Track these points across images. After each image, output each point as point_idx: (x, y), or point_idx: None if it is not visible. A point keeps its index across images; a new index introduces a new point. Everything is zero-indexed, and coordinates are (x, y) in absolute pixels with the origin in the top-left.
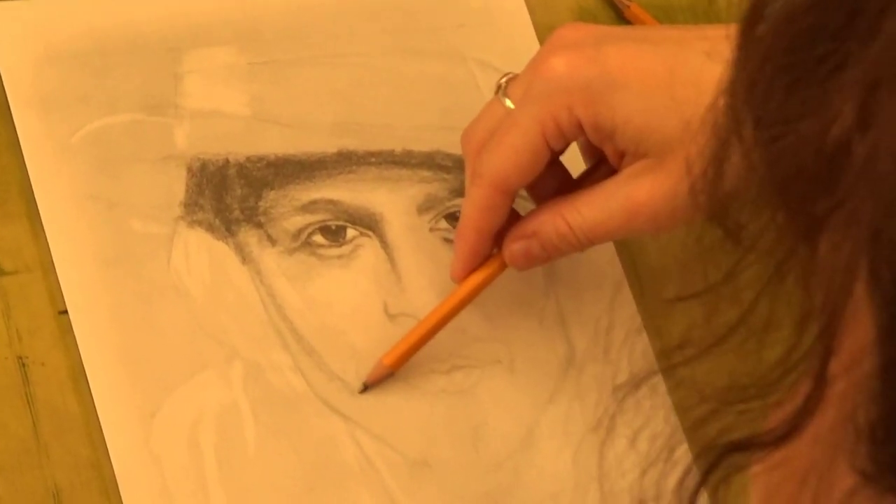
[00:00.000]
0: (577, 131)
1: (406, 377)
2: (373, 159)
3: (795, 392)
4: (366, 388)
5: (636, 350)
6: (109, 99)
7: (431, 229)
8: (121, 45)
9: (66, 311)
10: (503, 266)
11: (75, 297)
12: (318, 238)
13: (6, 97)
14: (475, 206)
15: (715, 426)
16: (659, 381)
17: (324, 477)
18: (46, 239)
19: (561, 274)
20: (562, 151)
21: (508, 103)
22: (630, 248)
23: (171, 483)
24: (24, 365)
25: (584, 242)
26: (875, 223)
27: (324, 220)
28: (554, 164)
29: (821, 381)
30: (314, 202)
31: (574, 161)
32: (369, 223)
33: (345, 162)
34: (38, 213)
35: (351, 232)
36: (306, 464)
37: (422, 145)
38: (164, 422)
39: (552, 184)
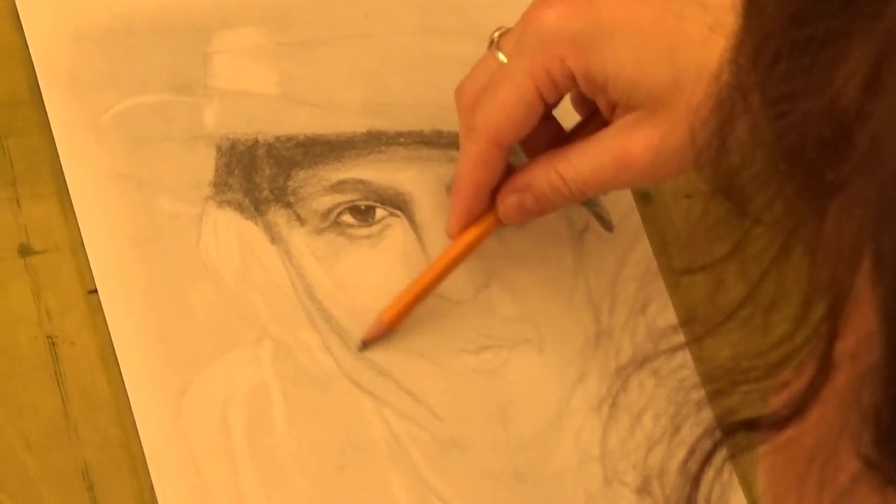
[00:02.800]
0: (570, 82)
1: (435, 357)
2: (402, 139)
3: (801, 373)
4: (364, 345)
5: (659, 327)
6: (139, 79)
7: None
8: (150, 25)
9: (95, 291)
10: (498, 221)
11: (105, 276)
12: (348, 218)
13: (36, 78)
14: (470, 162)
15: (721, 406)
16: (667, 359)
17: (353, 456)
18: (76, 218)
19: (590, 253)
20: (555, 104)
21: (501, 57)
22: (662, 226)
23: (200, 462)
24: (53, 344)
25: (576, 194)
26: (880, 209)
27: (353, 200)
28: (547, 118)
29: (826, 363)
30: (343, 182)
31: (568, 117)
32: (398, 203)
33: (374, 142)
34: (68, 193)
35: (380, 212)
36: (335, 443)
37: (451, 125)
38: (193, 401)
39: (545, 138)
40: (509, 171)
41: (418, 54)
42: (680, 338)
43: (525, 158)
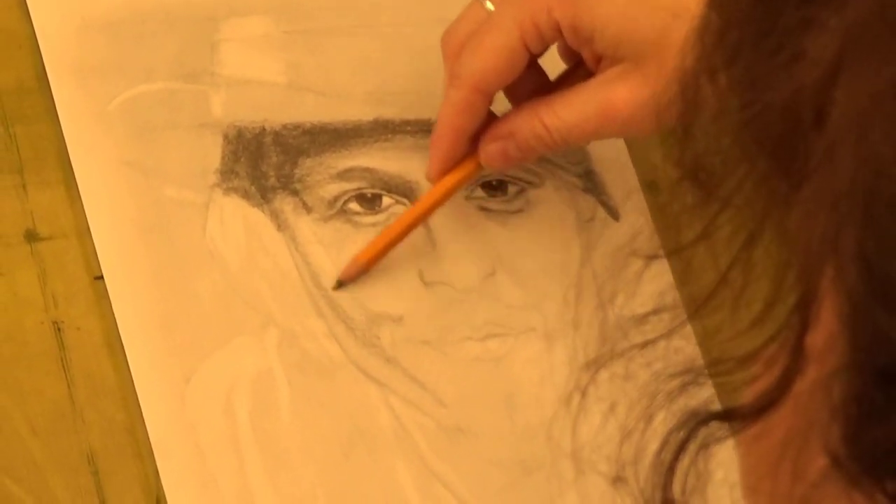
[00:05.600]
0: (556, 34)
1: (441, 345)
2: (409, 128)
3: (773, 366)
4: (340, 284)
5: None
6: (146, 67)
7: (467, 197)
8: (158, 13)
9: (101, 277)
10: (479, 167)
11: (111, 262)
12: (354, 206)
13: (44, 66)
14: (453, 107)
15: (693, 398)
16: (640, 350)
17: (358, 443)
18: (83, 205)
19: (596, 241)
20: (540, 54)
21: (489, 5)
22: (668, 215)
23: (205, 448)
24: (59, 330)
25: (559, 143)
26: (838, 215)
27: (359, 188)
28: (532, 66)
29: (797, 356)
30: (350, 170)
31: (553, 65)
32: (405, 191)
33: (381, 130)
34: (75, 180)
35: (386, 200)
36: (341, 430)
37: None
38: (198, 387)
39: (530, 86)
40: (491, 118)
41: (425, 43)
42: (654, 328)
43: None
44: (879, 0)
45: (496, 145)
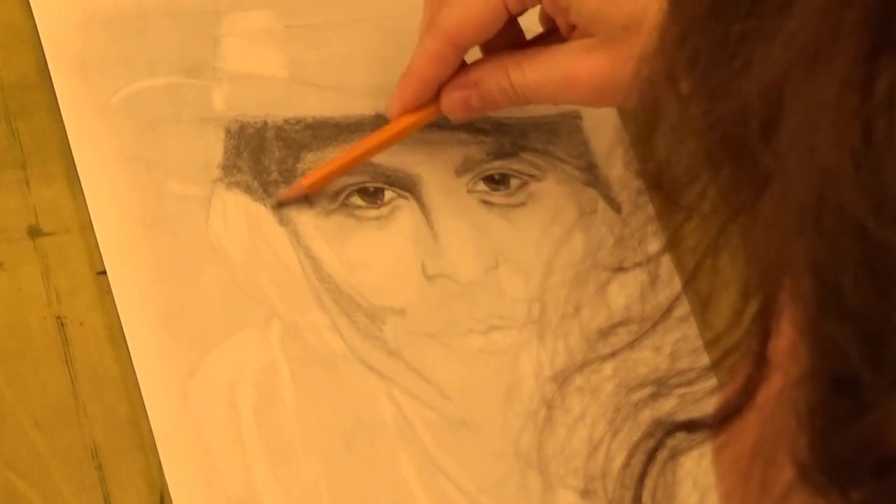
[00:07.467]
0: None
1: (444, 337)
2: None
3: (737, 374)
4: (280, 204)
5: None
6: (148, 62)
7: (469, 191)
8: (160, 8)
9: (104, 272)
10: (438, 112)
11: (114, 257)
12: (356, 199)
13: (46, 60)
14: (425, 56)
15: (658, 408)
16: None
17: (361, 435)
18: (85, 200)
19: (599, 234)
20: (519, 14)
21: None
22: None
23: (209, 441)
24: (62, 325)
25: (521, 100)
26: (790, 226)
27: (362, 182)
28: (510, 25)
29: (760, 364)
30: None
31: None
32: (407, 185)
33: (383, 124)
34: (77, 175)
35: (389, 194)
36: (344, 422)
37: None
38: (202, 381)
39: (505, 45)
40: (460, 69)
41: None
42: (620, 338)
43: None
44: (821, 10)
45: (459, 93)
